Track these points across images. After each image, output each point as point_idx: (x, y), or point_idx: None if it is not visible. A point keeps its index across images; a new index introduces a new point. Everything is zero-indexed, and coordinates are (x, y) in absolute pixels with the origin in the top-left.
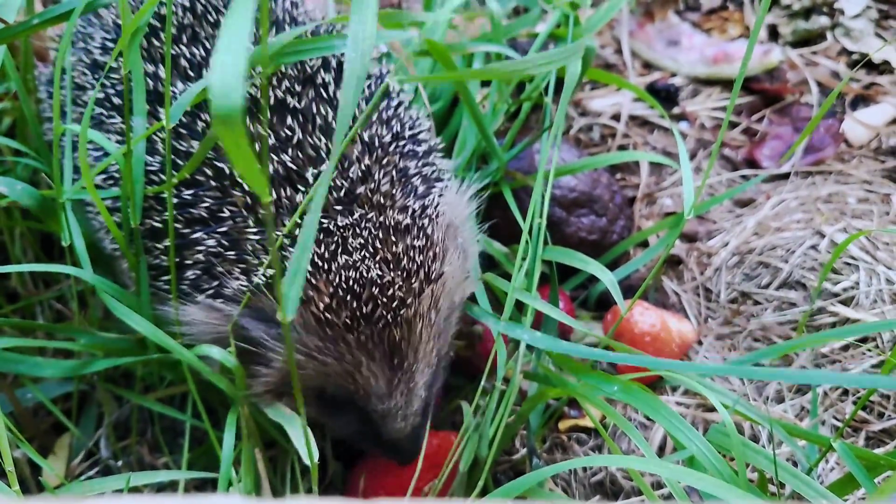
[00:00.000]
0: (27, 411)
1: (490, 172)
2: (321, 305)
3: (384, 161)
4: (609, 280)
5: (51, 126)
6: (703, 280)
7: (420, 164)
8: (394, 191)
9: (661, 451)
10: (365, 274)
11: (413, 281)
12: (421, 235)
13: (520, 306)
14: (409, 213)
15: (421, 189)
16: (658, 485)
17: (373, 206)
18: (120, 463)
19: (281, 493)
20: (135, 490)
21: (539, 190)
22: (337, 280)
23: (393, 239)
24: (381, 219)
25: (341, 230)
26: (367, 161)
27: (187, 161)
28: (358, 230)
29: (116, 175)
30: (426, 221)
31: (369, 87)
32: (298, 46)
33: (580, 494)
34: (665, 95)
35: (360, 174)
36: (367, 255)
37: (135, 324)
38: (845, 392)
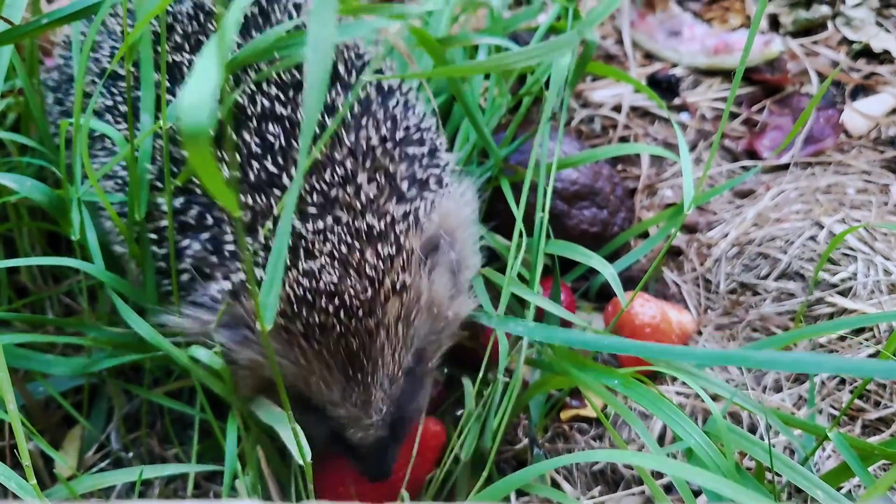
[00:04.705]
0: (38, 404)
1: (490, 167)
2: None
3: (371, 165)
4: (610, 274)
5: (58, 130)
6: (703, 271)
7: (415, 166)
8: (380, 195)
9: (661, 439)
10: (324, 282)
11: (376, 289)
12: (392, 242)
13: (521, 299)
14: (388, 218)
15: (410, 193)
16: (659, 474)
17: (351, 209)
18: (131, 455)
19: (287, 486)
20: (146, 482)
21: (541, 183)
22: (294, 288)
23: (360, 245)
24: (356, 223)
25: (311, 234)
26: (349, 165)
27: (183, 166)
28: (329, 234)
29: (120, 182)
30: (403, 228)
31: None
32: (257, 47)
33: (581, 483)
34: (666, 86)
35: (339, 178)
36: (330, 260)
37: (133, 323)
38: (842, 381)
